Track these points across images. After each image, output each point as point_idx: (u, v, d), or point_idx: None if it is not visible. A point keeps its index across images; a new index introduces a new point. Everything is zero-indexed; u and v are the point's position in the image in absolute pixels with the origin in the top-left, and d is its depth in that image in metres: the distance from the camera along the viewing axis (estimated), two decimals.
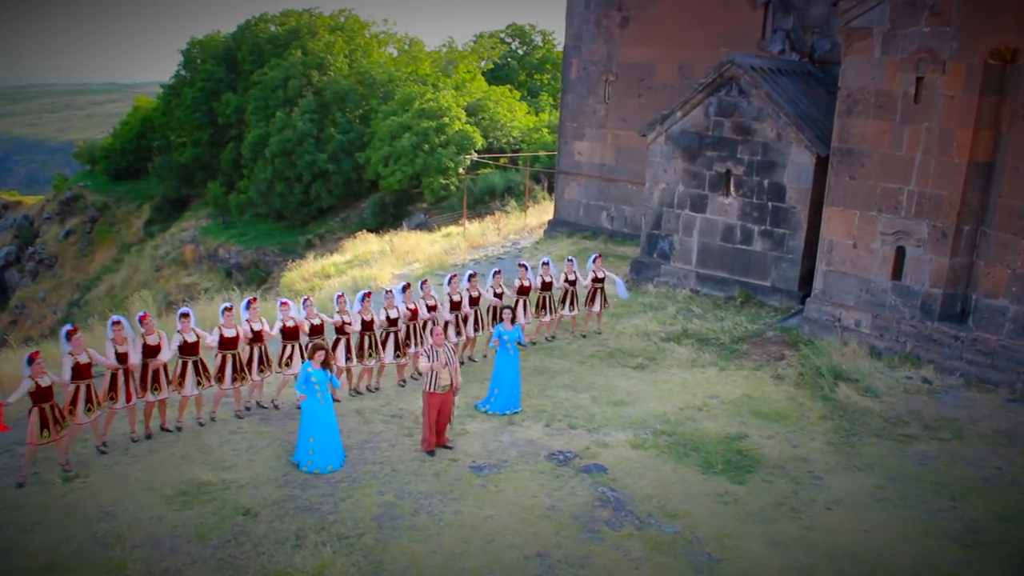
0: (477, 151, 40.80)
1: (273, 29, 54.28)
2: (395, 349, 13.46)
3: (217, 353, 11.74)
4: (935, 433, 12.41)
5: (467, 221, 31.10)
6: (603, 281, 16.30)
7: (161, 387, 11.19)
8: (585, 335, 16.30)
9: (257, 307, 12.43)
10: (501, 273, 15.31)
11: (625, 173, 24.26)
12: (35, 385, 9.76)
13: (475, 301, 14.68)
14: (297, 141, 45.16)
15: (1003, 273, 13.87)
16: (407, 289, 13.85)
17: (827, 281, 16.02)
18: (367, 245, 28.76)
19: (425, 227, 36.03)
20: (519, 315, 15.02)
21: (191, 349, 11.46)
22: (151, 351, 11.08)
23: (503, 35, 60.55)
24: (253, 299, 12.65)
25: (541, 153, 41.07)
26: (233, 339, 11.85)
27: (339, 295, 13.31)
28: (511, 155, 42.29)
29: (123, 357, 10.75)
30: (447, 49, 58.29)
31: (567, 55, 25.15)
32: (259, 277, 41.49)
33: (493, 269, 15.65)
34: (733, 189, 18.11)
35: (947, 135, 14.13)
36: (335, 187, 46.05)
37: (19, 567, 8.41)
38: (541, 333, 16.12)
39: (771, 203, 17.66)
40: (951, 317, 14.71)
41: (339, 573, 8.41)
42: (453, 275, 14.74)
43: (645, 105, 23.29)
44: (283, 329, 12.42)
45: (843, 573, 8.90)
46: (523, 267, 15.61)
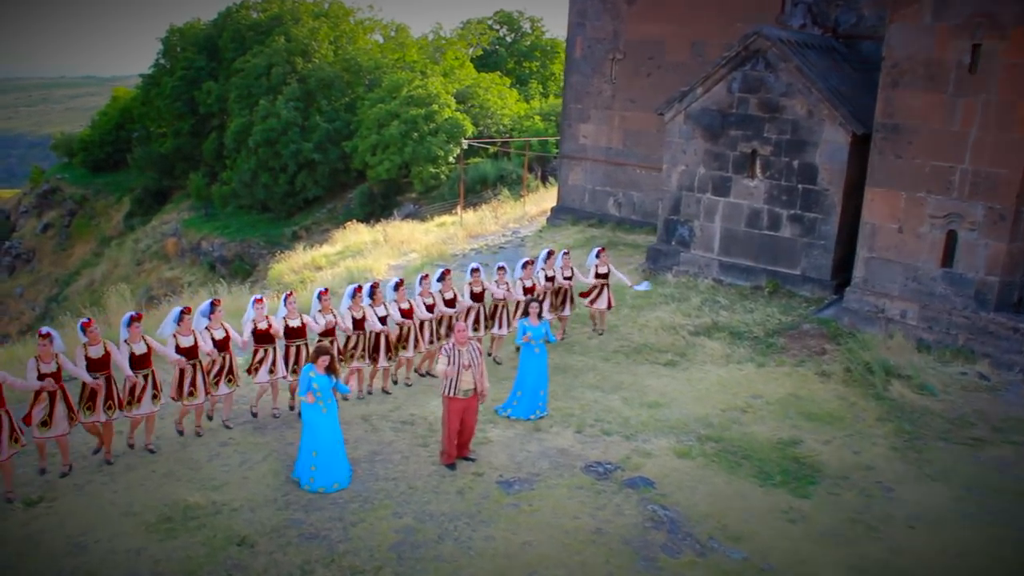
0: (467, 139, 39.43)
1: (255, 16, 52.70)
2: (413, 345, 12.11)
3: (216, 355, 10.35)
4: (1006, 436, 11.15)
5: (463, 210, 29.68)
6: (607, 277, 14.68)
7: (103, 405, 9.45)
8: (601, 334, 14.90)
9: (264, 305, 10.97)
10: (533, 264, 13.86)
11: (633, 157, 22.90)
12: None
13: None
14: (281, 130, 43.67)
15: None
16: (424, 280, 12.46)
17: (869, 269, 14.74)
18: (358, 235, 27.28)
19: (416, 217, 34.64)
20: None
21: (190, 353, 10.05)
22: (96, 364, 9.28)
23: (491, 22, 59.27)
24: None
25: (533, 140, 39.73)
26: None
27: (321, 291, 11.41)
28: (504, 140, 40.86)
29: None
30: (434, 36, 56.89)
31: (571, 33, 23.74)
32: (244, 270, 40.04)
33: (522, 260, 14.03)
34: (759, 171, 16.78)
35: (1006, 108, 12.84)
36: (321, 177, 44.59)
37: None
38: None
39: (801, 185, 16.36)
40: (1008, 307, 13.47)
41: None
42: (475, 267, 13.32)
43: (655, 85, 21.94)
44: (255, 332, 10.75)
45: None
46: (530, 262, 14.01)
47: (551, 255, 14.31)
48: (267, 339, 10.76)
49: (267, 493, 8.98)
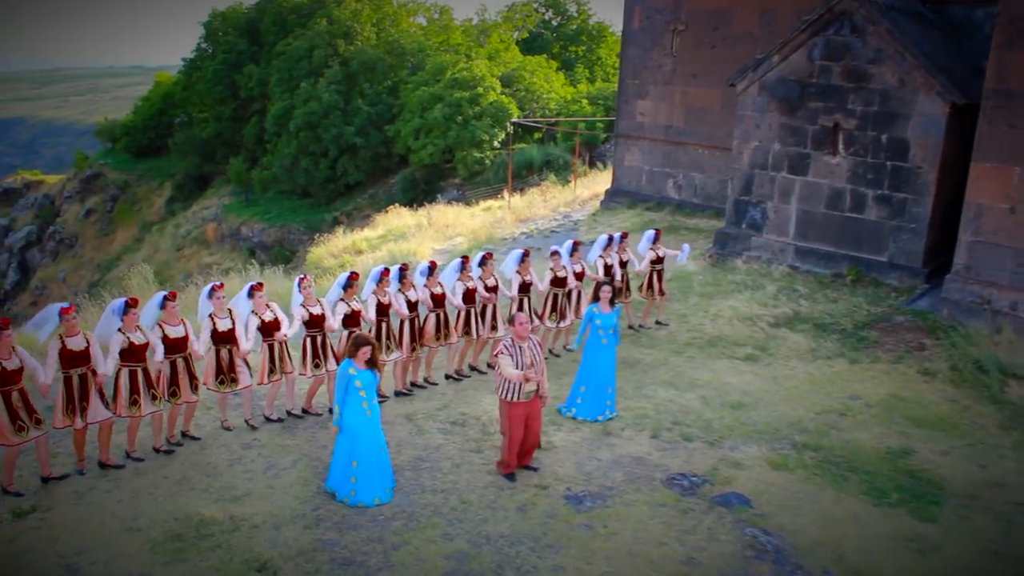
0: (513, 122, 38.03)
1: None
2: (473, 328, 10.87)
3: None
4: None
5: (510, 193, 28.30)
6: (663, 261, 13.22)
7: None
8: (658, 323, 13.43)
9: (264, 294, 9.61)
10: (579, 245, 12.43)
11: (695, 136, 21.32)
12: None
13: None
14: (323, 114, 42.61)
15: None
16: (487, 260, 11.15)
17: (973, 254, 13.08)
18: (400, 219, 26.06)
19: (461, 202, 33.40)
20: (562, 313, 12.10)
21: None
22: (73, 357, 7.91)
23: (536, 5, 57.83)
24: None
25: (580, 121, 38.20)
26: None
27: (301, 278, 9.77)
28: (552, 120, 39.35)
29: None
30: (479, 19, 55.58)
31: (628, 2, 22.20)
32: (284, 256, 39.13)
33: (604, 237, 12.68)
34: (842, 146, 15.14)
35: None
36: (363, 162, 43.48)
37: None
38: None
39: (890, 162, 14.70)
40: None
41: None
42: (554, 250, 11.92)
43: (719, 57, 20.33)
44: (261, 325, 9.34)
45: None
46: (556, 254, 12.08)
47: (611, 240, 12.81)
48: (316, 325, 9.53)
49: (295, 507, 7.64)
